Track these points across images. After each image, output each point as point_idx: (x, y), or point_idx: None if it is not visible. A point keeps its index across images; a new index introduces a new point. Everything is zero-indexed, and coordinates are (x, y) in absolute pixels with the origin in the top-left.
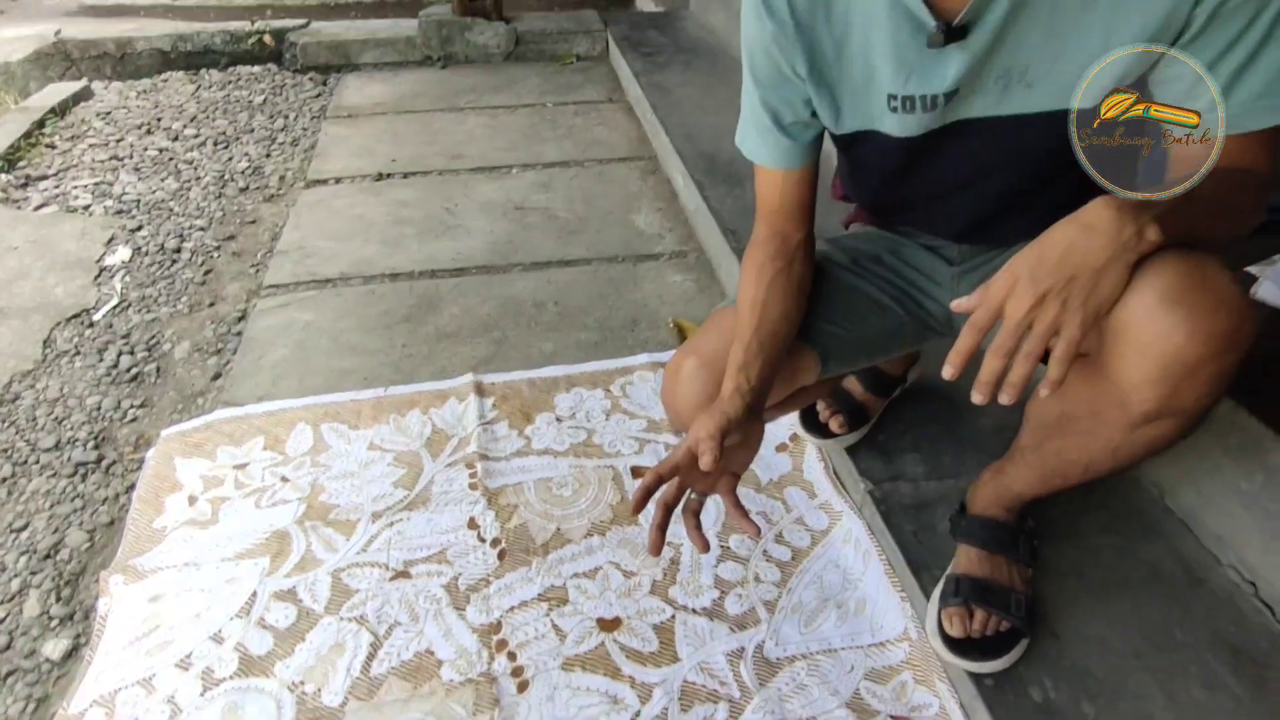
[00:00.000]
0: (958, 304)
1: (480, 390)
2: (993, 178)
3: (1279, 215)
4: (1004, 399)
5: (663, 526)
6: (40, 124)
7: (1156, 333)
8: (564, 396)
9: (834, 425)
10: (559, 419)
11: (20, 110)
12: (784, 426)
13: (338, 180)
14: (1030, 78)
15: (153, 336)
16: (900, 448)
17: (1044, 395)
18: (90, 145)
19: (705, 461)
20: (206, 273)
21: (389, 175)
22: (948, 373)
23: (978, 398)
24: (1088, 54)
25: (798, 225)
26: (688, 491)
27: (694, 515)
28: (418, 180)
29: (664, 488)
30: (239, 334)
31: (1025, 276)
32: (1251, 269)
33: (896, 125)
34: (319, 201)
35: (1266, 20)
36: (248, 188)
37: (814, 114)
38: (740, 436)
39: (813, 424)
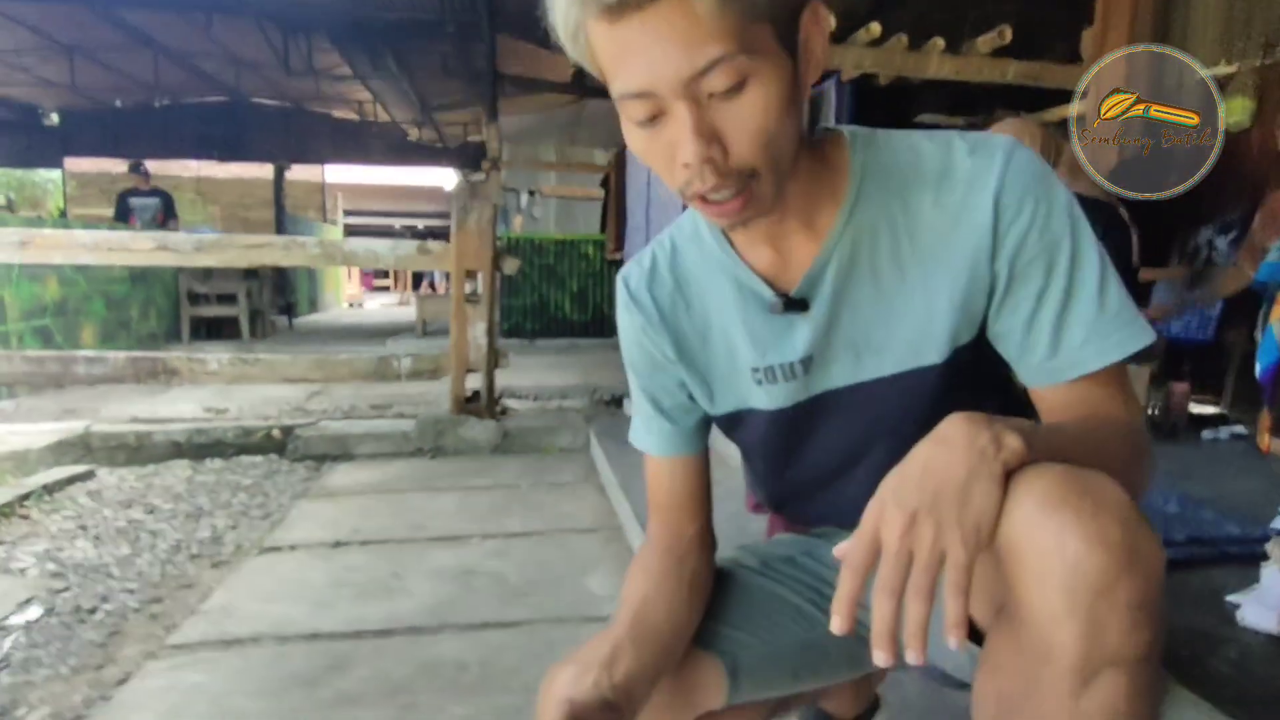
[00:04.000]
0: (838, 549)
1: None
2: (874, 447)
3: (1245, 547)
4: (911, 655)
5: None
6: (24, 497)
7: (1047, 545)
8: None
9: None
10: None
11: (11, 487)
12: None
13: (293, 548)
14: (875, 343)
15: (14, 700)
16: None
17: (953, 645)
18: (64, 517)
19: None
20: (111, 634)
21: (345, 543)
22: (836, 625)
23: (879, 656)
24: (915, 316)
25: (690, 518)
26: None
27: None
28: (374, 548)
29: None
30: (109, 698)
31: (891, 500)
32: (1231, 598)
33: (765, 398)
34: (266, 567)
35: (1063, 269)
36: (199, 554)
37: (691, 397)
38: None
39: None
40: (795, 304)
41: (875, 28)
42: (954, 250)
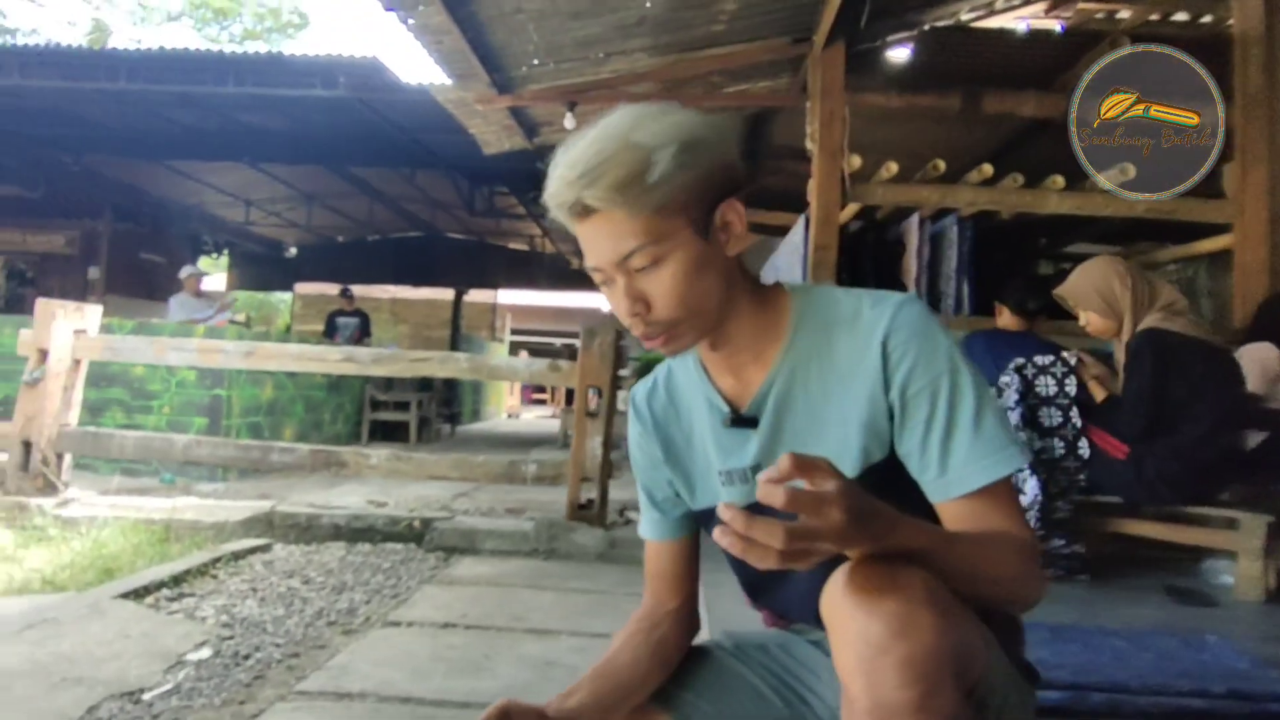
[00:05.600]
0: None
1: None
2: None
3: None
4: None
5: None
6: (216, 560)
7: (844, 615)
8: None
9: None
10: None
11: (208, 551)
12: None
13: (410, 624)
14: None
15: (176, 719)
16: None
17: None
18: (242, 580)
19: None
20: (256, 678)
21: (453, 625)
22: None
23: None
24: (835, 434)
25: (671, 594)
26: None
27: None
28: (475, 632)
29: None
30: None
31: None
32: None
33: (728, 497)
34: (384, 638)
35: (944, 401)
36: (335, 622)
37: (678, 494)
38: None
39: None
40: (745, 420)
41: (987, 168)
42: (859, 381)
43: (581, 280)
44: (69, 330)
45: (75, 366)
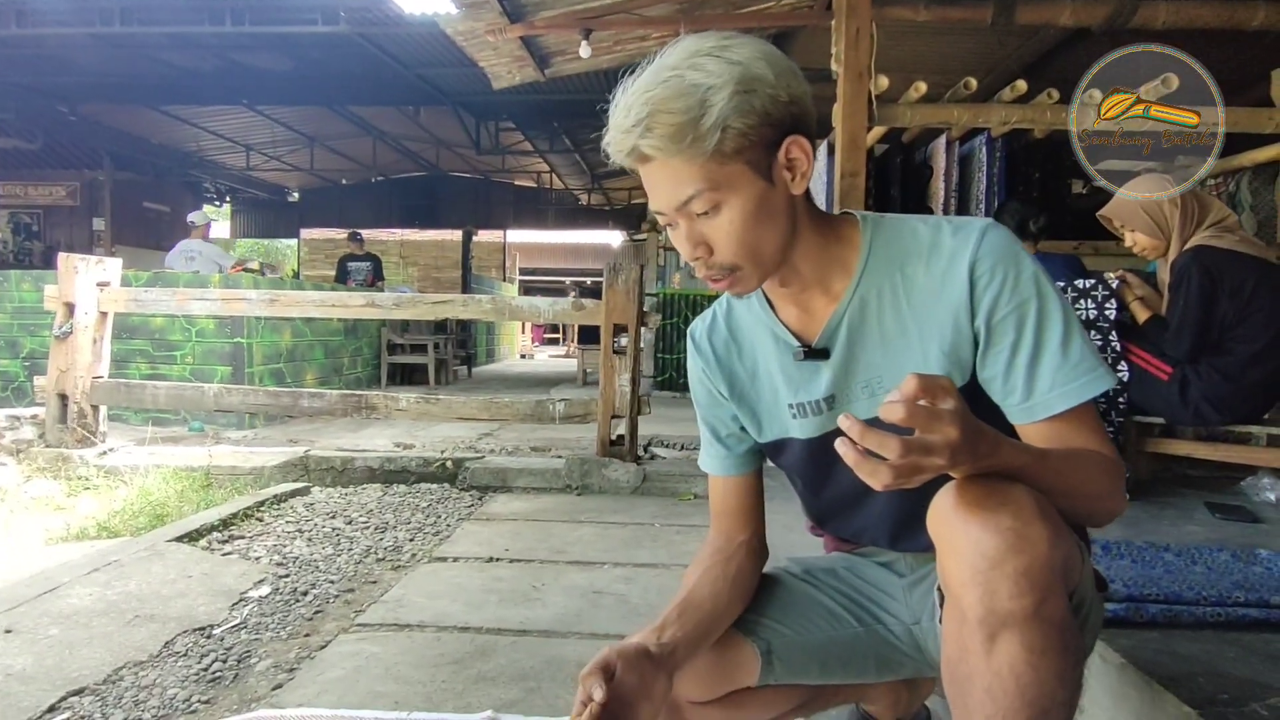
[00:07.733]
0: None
1: None
2: None
3: None
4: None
5: None
6: (260, 504)
7: (958, 530)
8: None
9: None
10: None
11: (251, 495)
12: None
13: (456, 559)
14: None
15: (247, 651)
16: None
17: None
18: (286, 521)
19: (597, 694)
20: (316, 612)
21: (497, 559)
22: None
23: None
24: (914, 362)
25: (740, 527)
26: None
27: None
28: (520, 565)
29: None
30: (313, 658)
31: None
32: None
33: (800, 429)
34: (433, 572)
35: (1031, 326)
36: (384, 558)
37: (743, 429)
38: (637, 679)
39: None
40: (817, 353)
41: (1021, 85)
42: (940, 309)
43: (591, 217)
44: (93, 283)
45: (102, 319)
